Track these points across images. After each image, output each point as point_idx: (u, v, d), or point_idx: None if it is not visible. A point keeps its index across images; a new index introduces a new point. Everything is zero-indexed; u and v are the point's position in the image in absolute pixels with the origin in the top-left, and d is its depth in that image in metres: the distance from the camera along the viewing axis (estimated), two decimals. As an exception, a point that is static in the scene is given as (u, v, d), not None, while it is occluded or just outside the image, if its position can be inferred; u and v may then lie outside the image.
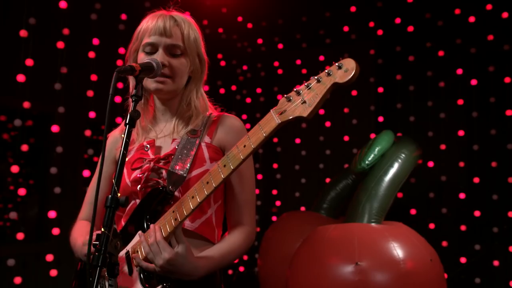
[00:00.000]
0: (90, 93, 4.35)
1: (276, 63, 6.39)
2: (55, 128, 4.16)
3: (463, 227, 5.03)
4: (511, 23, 4.89)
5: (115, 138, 1.93)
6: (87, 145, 4.65)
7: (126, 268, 1.62)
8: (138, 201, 1.73)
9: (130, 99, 1.50)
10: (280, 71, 6.33)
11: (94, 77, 4.41)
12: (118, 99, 4.63)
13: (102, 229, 1.29)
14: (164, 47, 1.74)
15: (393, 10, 5.53)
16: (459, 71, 5.14)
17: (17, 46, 3.93)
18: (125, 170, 1.76)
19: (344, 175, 5.02)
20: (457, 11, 5.10)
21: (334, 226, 3.91)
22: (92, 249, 1.30)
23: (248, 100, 6.28)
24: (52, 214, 4.12)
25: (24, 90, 3.88)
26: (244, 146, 1.44)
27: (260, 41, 6.23)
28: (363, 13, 5.74)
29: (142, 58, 1.76)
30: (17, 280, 3.91)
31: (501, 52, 4.86)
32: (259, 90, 6.33)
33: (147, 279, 1.57)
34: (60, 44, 4.14)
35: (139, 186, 1.71)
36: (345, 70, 1.34)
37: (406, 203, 5.21)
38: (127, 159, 1.76)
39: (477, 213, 4.93)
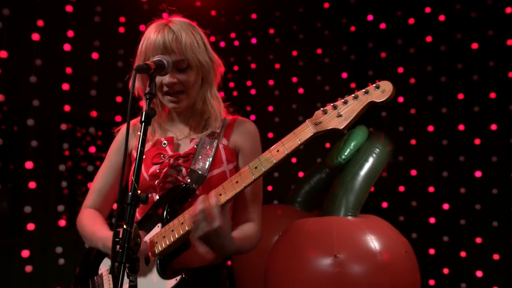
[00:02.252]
0: (65, 86, 4.28)
1: (249, 58, 6.41)
2: (30, 122, 4.08)
3: (432, 220, 5.19)
4: (480, 22, 5.06)
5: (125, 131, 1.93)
6: (62, 139, 4.58)
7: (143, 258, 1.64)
8: (155, 195, 1.76)
9: (144, 97, 1.51)
10: (253, 66, 6.35)
11: (69, 70, 4.34)
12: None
13: (125, 226, 1.31)
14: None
15: (366, 7, 5.64)
16: (429, 68, 5.28)
17: (-9, 38, 3.85)
18: (142, 164, 1.76)
19: (317, 169, 5.11)
20: (428, 10, 5.23)
21: (312, 219, 3.99)
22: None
23: (221, 94, 6.27)
24: (27, 209, 4.05)
25: (-1, 83, 3.80)
26: (278, 151, 1.51)
27: (233, 35, 6.24)
28: (336, 10, 5.82)
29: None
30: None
31: (470, 50, 5.01)
32: (232, 85, 6.34)
33: (163, 270, 1.60)
34: (35, 36, 4.05)
35: (157, 181, 1.74)
36: (382, 90, 1.41)
37: (377, 197, 5.33)
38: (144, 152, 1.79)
39: (445, 206, 5.09)
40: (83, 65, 4.49)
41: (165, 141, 1.84)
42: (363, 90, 1.44)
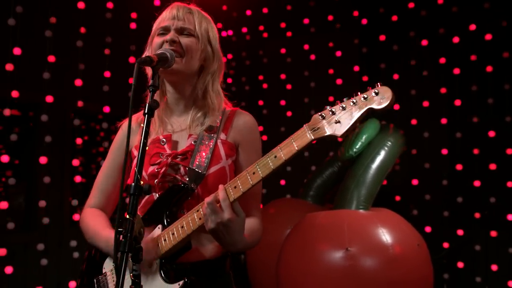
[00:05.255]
0: (78, 82, 4.33)
1: (260, 52, 6.41)
2: (44, 117, 4.13)
3: (446, 213, 5.15)
4: (493, 12, 4.99)
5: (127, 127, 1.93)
6: (76, 134, 4.64)
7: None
8: (154, 194, 1.76)
9: (148, 90, 1.51)
10: (265, 60, 6.36)
11: (81, 66, 4.39)
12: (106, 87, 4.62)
13: (127, 216, 1.32)
14: (175, 28, 1.78)
15: (377, -1, 5.61)
16: (442, 60, 5.23)
17: (5, 35, 3.89)
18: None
19: (330, 163, 5.09)
20: (440, 1, 5.17)
21: (324, 213, 3.98)
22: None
23: (233, 88, 6.30)
24: (41, 203, 4.11)
25: (13, 79, 3.85)
26: (275, 156, 1.50)
27: (244, 29, 6.24)
28: (348, 2, 5.79)
29: (156, 41, 1.80)
30: (8, 269, 3.90)
31: (483, 41, 4.95)
32: (243, 79, 6.35)
33: (166, 273, 1.61)
34: (48, 33, 4.10)
35: (156, 180, 1.74)
36: (381, 97, 1.38)
37: (390, 190, 5.30)
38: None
39: (459, 199, 5.05)
40: (95, 61, 4.53)
41: (164, 139, 1.81)
42: (362, 96, 1.40)
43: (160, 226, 1.66)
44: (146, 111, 1.45)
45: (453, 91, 5.27)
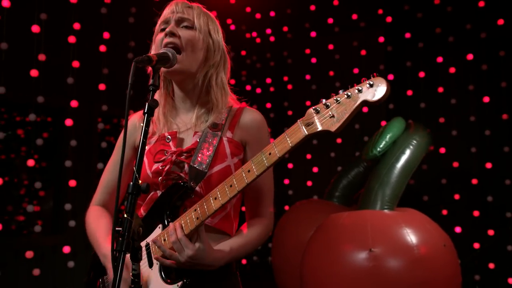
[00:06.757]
0: (102, 87, 4.39)
1: (285, 53, 6.39)
2: (68, 122, 4.21)
3: (476, 213, 5.02)
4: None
5: (133, 123, 1.91)
6: (100, 138, 4.70)
7: (146, 261, 1.65)
8: (158, 192, 1.74)
9: (148, 89, 1.51)
10: (289, 61, 6.34)
11: (105, 71, 4.45)
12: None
13: (125, 215, 1.32)
14: (174, 20, 1.76)
15: (402, -4, 5.53)
16: (470, 57, 5.11)
17: (30, 42, 3.97)
18: (146, 161, 1.77)
19: (355, 163, 5.04)
20: (466, -4, 5.08)
21: (347, 213, 3.93)
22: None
23: (258, 90, 6.30)
24: (67, 206, 4.18)
25: (38, 85, 3.92)
26: (270, 154, 1.46)
27: (269, 31, 6.23)
28: (372, 1, 5.73)
29: (158, 37, 1.78)
30: (36, 271, 3.98)
31: (512, 36, 4.84)
32: (268, 80, 6.34)
33: (166, 274, 1.60)
34: (72, 39, 4.17)
35: (160, 178, 1.72)
36: (375, 89, 1.32)
37: (419, 190, 5.21)
38: (148, 149, 1.79)
39: (489, 199, 4.92)
40: (118, 65, 4.58)
41: (169, 136, 1.79)
42: (357, 88, 1.34)
43: (160, 225, 1.65)
44: (145, 111, 1.44)
45: (481, 88, 5.15)
